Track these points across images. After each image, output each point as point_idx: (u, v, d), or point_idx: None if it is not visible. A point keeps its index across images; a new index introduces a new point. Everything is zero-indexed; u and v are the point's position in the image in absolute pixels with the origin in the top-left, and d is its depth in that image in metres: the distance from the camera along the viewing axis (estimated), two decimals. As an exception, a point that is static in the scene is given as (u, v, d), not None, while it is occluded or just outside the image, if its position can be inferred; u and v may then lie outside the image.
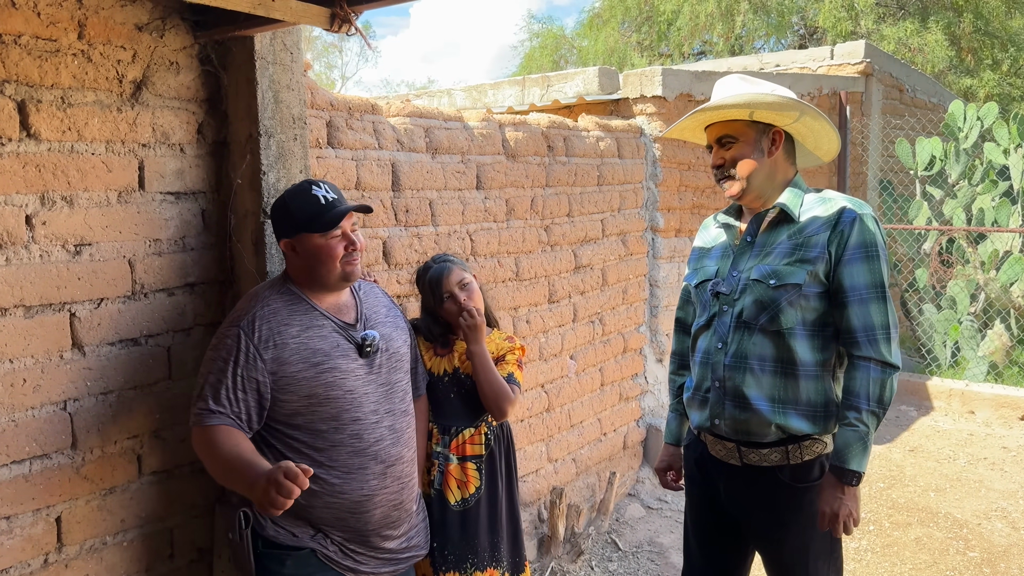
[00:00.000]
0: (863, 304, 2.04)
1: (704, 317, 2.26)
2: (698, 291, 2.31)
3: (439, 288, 2.51)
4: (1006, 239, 7.22)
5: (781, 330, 2.09)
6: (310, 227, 2.01)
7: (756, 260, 2.16)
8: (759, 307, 2.11)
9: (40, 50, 1.98)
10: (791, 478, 2.13)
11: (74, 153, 2.06)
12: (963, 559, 3.95)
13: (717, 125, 2.21)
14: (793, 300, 2.07)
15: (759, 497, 2.18)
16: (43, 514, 2.04)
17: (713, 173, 2.25)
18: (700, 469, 2.33)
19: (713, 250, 2.33)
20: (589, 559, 3.93)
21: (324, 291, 2.10)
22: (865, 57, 7.46)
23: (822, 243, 2.08)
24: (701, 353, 2.25)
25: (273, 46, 2.33)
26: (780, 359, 2.10)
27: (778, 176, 2.20)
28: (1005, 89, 14.92)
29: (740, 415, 2.13)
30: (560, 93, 4.83)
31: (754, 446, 2.14)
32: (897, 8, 16.03)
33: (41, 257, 2.01)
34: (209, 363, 1.99)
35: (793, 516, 2.14)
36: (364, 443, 2.04)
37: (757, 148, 2.16)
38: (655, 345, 4.91)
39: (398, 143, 3.10)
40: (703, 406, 2.24)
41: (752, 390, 2.11)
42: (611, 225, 4.41)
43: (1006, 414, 6.12)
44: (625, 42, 18.10)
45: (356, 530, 2.07)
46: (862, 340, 2.05)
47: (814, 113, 2.14)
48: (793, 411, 2.10)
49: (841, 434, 2.07)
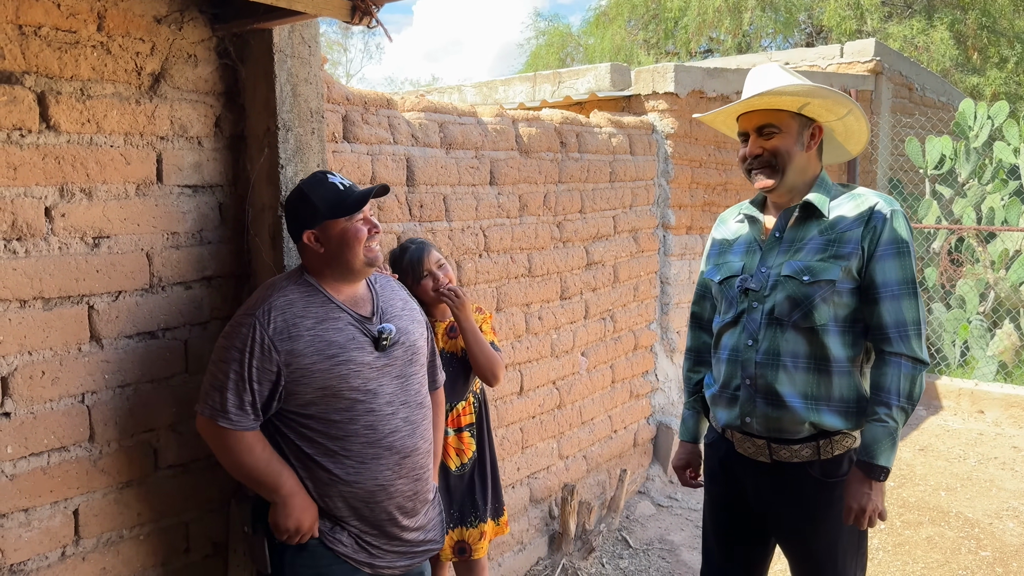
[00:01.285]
0: (895, 300, 2.04)
1: (731, 314, 2.22)
2: (723, 287, 2.27)
3: (420, 267, 2.68)
4: (1016, 238, 7.20)
5: (814, 326, 2.08)
6: (335, 212, 2.01)
7: (786, 256, 2.14)
8: (792, 303, 2.09)
9: (60, 41, 1.97)
10: (821, 473, 2.12)
11: (93, 145, 2.05)
12: (975, 558, 3.94)
13: (758, 113, 2.15)
14: (827, 296, 2.06)
15: (789, 493, 2.16)
16: (61, 507, 2.03)
17: (745, 162, 2.19)
18: (725, 468, 2.30)
19: (735, 245, 2.30)
20: (600, 556, 3.93)
21: (344, 281, 2.08)
22: (875, 55, 7.44)
23: (855, 239, 2.07)
24: (728, 350, 2.22)
25: (291, 39, 2.32)
26: (813, 355, 2.09)
27: (809, 171, 2.18)
28: (1012, 88, 14.86)
29: (773, 412, 2.11)
30: (571, 89, 4.82)
31: (785, 442, 2.13)
32: (903, 7, 15.98)
33: (60, 249, 2.00)
34: (223, 352, 1.98)
35: (823, 511, 2.13)
36: (378, 434, 2.04)
37: (798, 141, 2.14)
38: (666, 342, 4.90)
39: (413, 138, 3.09)
40: (731, 404, 2.21)
41: (785, 387, 2.09)
42: (623, 222, 4.40)
43: (1016, 414, 6.10)
44: (632, 40, 18.07)
45: (371, 520, 2.07)
46: (894, 336, 2.04)
47: (859, 113, 2.14)
48: (826, 407, 2.09)
49: (870, 429, 2.06)
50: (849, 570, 2.19)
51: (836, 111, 2.13)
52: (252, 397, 1.96)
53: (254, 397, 1.96)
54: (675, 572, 3.84)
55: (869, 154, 7.45)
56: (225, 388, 1.95)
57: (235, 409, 1.95)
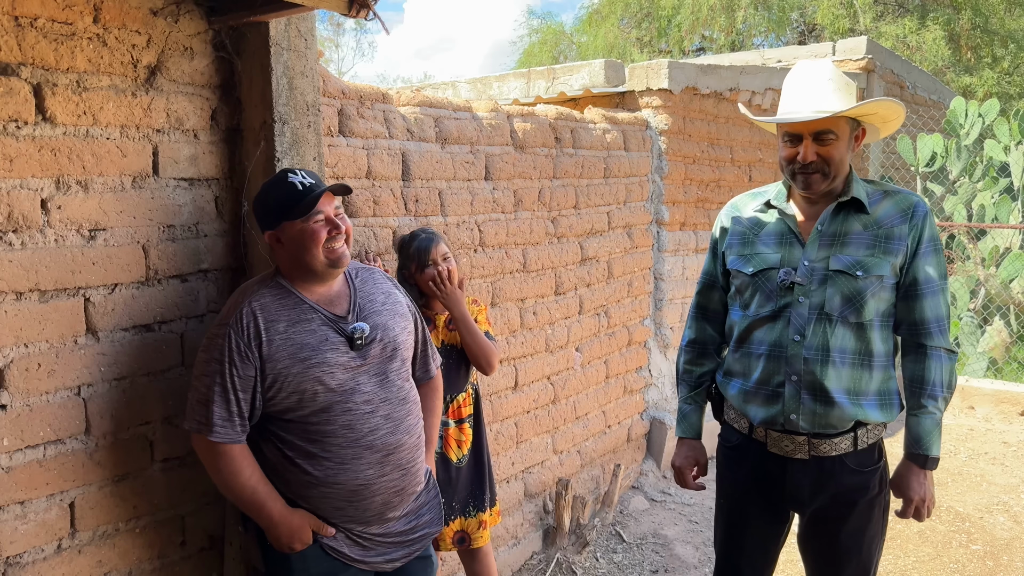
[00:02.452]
0: (935, 296, 2.09)
1: (769, 308, 2.17)
2: (757, 279, 2.19)
3: (425, 256, 2.71)
4: (1006, 235, 7.25)
5: (863, 322, 2.09)
6: (290, 214, 1.97)
7: (829, 250, 2.12)
8: (844, 299, 2.08)
9: (56, 33, 1.97)
10: (856, 463, 2.14)
11: (89, 137, 2.05)
12: (966, 552, 3.97)
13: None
14: (876, 292, 2.08)
15: (826, 485, 2.15)
16: (57, 499, 2.03)
17: (791, 164, 2.13)
18: (755, 473, 2.24)
19: (762, 235, 2.23)
20: (594, 550, 3.94)
21: (313, 281, 2.05)
22: (867, 53, 7.47)
23: (902, 235, 2.10)
24: (768, 346, 2.16)
25: (288, 32, 2.32)
26: (860, 351, 2.10)
27: (845, 168, 2.16)
28: (1004, 87, 14.94)
29: (821, 409, 2.10)
30: (566, 85, 4.83)
31: (826, 437, 2.12)
32: (896, 5, 16.04)
33: (56, 242, 2.00)
34: (203, 365, 1.97)
35: (857, 498, 2.15)
36: (357, 433, 2.02)
37: (849, 145, 2.13)
38: (660, 338, 4.91)
39: (408, 132, 3.09)
40: (771, 401, 2.16)
41: (833, 383, 2.08)
42: (617, 218, 4.41)
43: (1006, 409, 6.14)
44: (625, 38, 18.10)
45: (356, 518, 2.06)
46: (935, 330, 2.10)
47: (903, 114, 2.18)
48: (867, 402, 2.11)
49: (919, 422, 2.10)
50: (873, 557, 2.22)
51: (888, 117, 2.16)
52: (238, 407, 1.96)
53: (239, 407, 1.96)
54: (668, 566, 3.86)
55: (861, 151, 7.48)
56: (210, 401, 1.94)
57: (221, 422, 1.94)
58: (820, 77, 2.11)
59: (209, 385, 1.95)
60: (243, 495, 1.98)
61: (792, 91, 2.15)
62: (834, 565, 2.22)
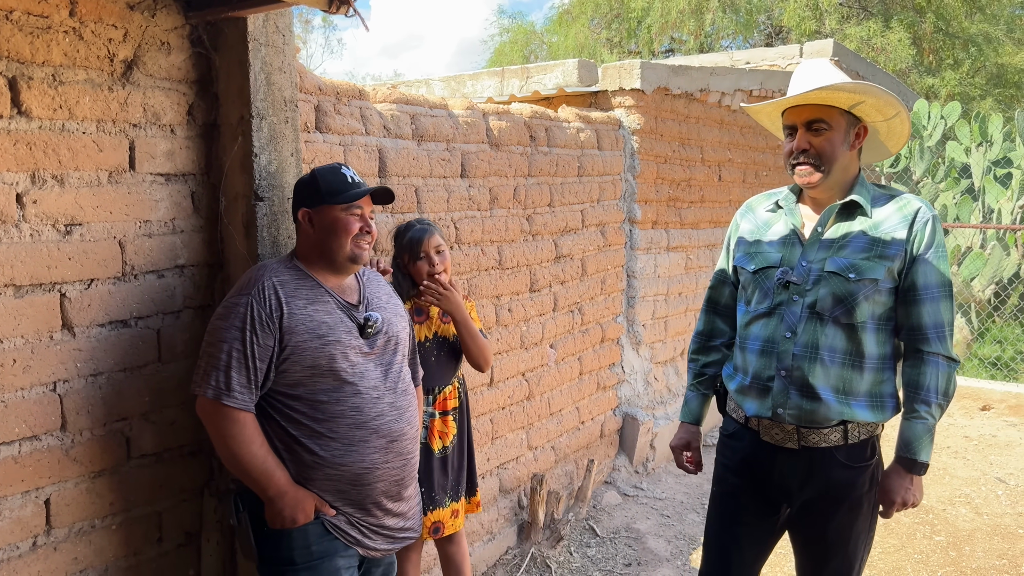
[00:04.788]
0: (935, 302, 2.10)
1: (765, 304, 2.21)
2: (758, 277, 2.25)
3: (418, 247, 2.71)
4: (968, 235, 7.42)
5: (855, 323, 2.11)
6: (334, 198, 2.06)
7: (828, 252, 2.15)
8: (835, 299, 2.11)
9: (32, 26, 1.95)
10: (846, 458, 2.16)
11: (65, 132, 2.04)
12: (930, 543, 4.07)
13: (808, 108, 2.13)
14: (869, 294, 2.10)
15: (815, 476, 2.18)
16: (32, 496, 2.01)
17: (790, 156, 2.17)
18: (747, 461, 2.29)
19: (769, 235, 2.28)
20: (568, 545, 3.98)
21: (329, 270, 2.12)
22: (833, 55, 7.59)
23: (900, 241, 2.11)
24: (762, 341, 2.21)
25: (266, 28, 2.32)
26: (850, 351, 2.12)
27: (850, 171, 2.19)
28: (966, 89, 15.27)
29: (806, 405, 2.13)
30: (540, 85, 4.86)
31: (815, 428, 2.15)
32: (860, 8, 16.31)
33: (32, 236, 1.98)
34: (221, 332, 1.98)
35: (846, 493, 2.17)
36: (365, 416, 2.06)
37: (845, 140, 2.14)
38: (632, 335, 4.97)
39: (385, 129, 3.10)
40: (763, 395, 2.21)
41: (820, 380, 2.12)
42: (591, 216, 4.45)
43: (967, 405, 6.29)
44: (595, 39, 18.19)
45: (358, 503, 2.09)
46: (932, 336, 2.10)
47: (905, 116, 2.17)
48: (855, 402, 2.13)
49: (911, 427, 2.12)
50: (860, 551, 2.24)
51: (886, 112, 2.14)
52: (255, 375, 1.97)
53: (256, 375, 1.97)
54: (641, 559, 3.91)
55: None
56: (229, 367, 1.95)
57: (240, 388, 1.96)
58: (815, 69, 2.15)
59: (228, 351, 1.96)
60: (253, 463, 1.97)
61: (791, 86, 2.19)
62: (819, 558, 2.26)
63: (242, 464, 1.98)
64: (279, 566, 2.05)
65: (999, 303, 7.62)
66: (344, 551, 2.09)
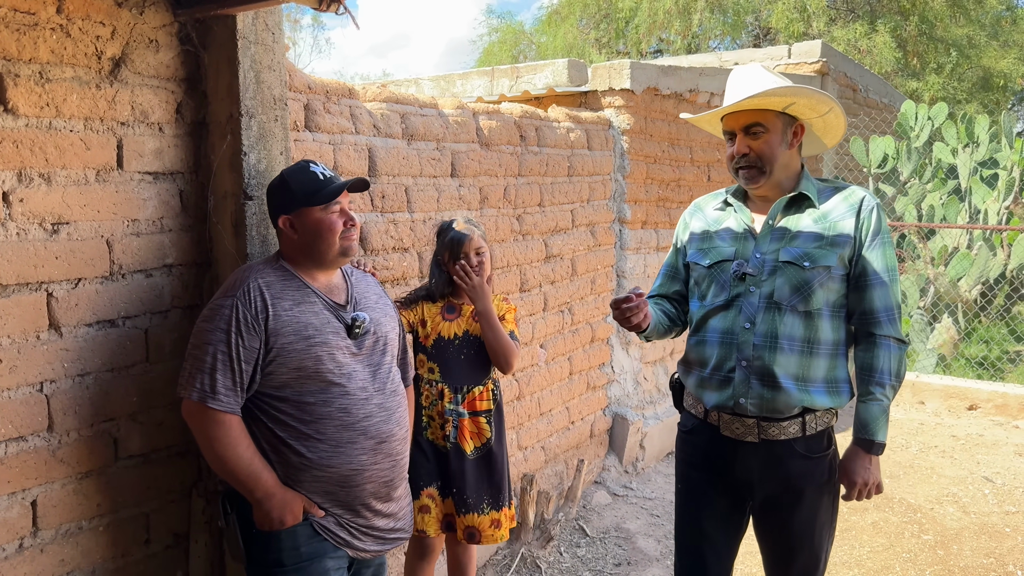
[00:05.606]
0: (884, 287, 2.17)
1: (723, 297, 2.26)
2: (713, 271, 2.29)
3: (459, 247, 2.72)
4: (955, 235, 7.48)
5: (811, 310, 2.16)
6: (311, 201, 2.04)
7: (781, 243, 2.21)
8: (792, 288, 2.16)
9: (18, 23, 1.93)
10: (805, 449, 2.21)
11: (52, 130, 2.02)
12: (918, 542, 4.09)
13: (744, 113, 2.20)
14: (823, 282, 2.16)
15: (775, 469, 2.22)
16: (19, 497, 1.99)
17: (733, 160, 2.24)
18: (707, 455, 2.32)
19: (721, 231, 2.33)
20: (558, 545, 3.97)
21: (319, 269, 2.11)
22: (821, 56, 7.64)
23: (848, 228, 2.18)
24: (721, 333, 2.25)
25: (255, 26, 2.31)
26: (807, 339, 2.17)
27: (792, 167, 2.25)
28: (949, 92, 15.39)
29: (768, 393, 2.17)
30: (529, 84, 4.86)
31: (775, 420, 2.19)
32: (847, 11, 16.41)
33: (18, 235, 1.96)
34: (206, 334, 1.96)
35: (807, 486, 2.21)
36: (353, 418, 2.05)
37: (783, 139, 2.20)
38: (621, 335, 4.97)
39: (375, 128, 3.09)
40: (723, 386, 2.24)
41: (780, 368, 2.16)
42: (580, 216, 4.45)
43: (954, 404, 6.33)
44: (584, 39, 18.22)
45: (346, 504, 2.07)
46: (883, 320, 2.17)
47: (839, 111, 2.23)
48: (814, 388, 2.18)
49: (867, 409, 2.17)
50: (824, 544, 2.28)
51: (819, 109, 2.21)
52: (240, 378, 1.96)
53: (242, 377, 1.96)
54: (631, 559, 3.91)
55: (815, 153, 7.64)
56: (214, 369, 1.94)
57: (225, 390, 1.94)
58: (746, 76, 2.23)
59: (213, 354, 1.94)
60: (239, 465, 1.96)
61: (727, 93, 2.27)
62: (787, 554, 2.29)
63: (229, 467, 1.97)
64: (268, 568, 2.04)
65: (985, 303, 7.68)
66: (333, 552, 2.08)
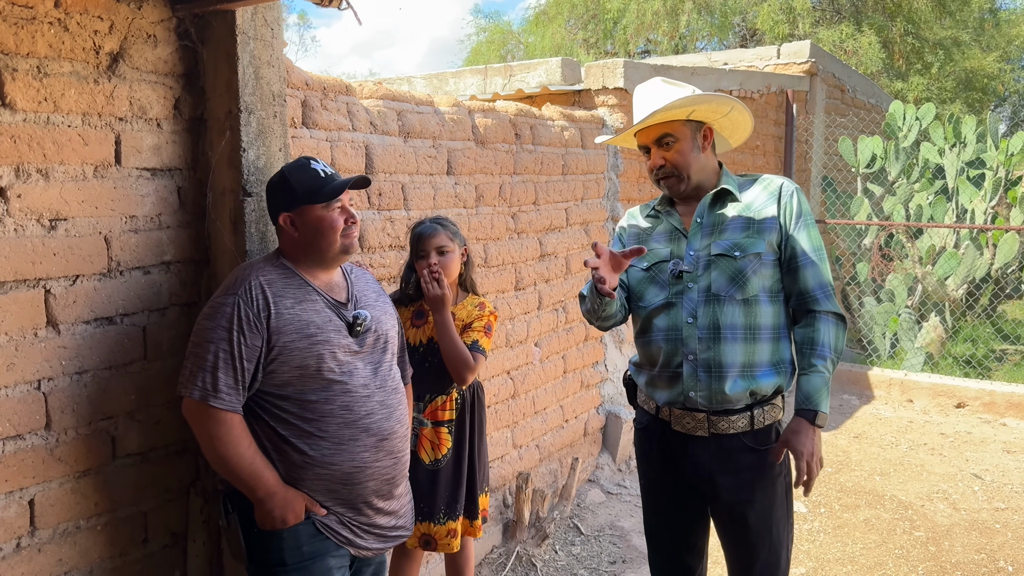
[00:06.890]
0: (815, 266, 2.25)
1: (662, 297, 2.31)
2: (651, 272, 2.35)
3: (419, 244, 2.67)
4: (942, 235, 7.53)
5: (748, 297, 2.23)
6: (312, 198, 2.02)
7: (711, 238, 2.28)
8: (727, 279, 2.23)
9: (16, 17, 1.91)
10: (754, 442, 2.26)
11: (50, 125, 2.00)
12: (909, 538, 4.12)
13: (654, 128, 2.29)
14: (756, 268, 2.23)
15: (726, 463, 2.26)
16: (16, 496, 1.97)
17: (653, 173, 2.33)
18: (661, 450, 2.36)
19: (654, 235, 2.40)
20: (553, 543, 3.97)
21: (319, 267, 2.09)
22: (810, 57, 7.67)
23: (772, 215, 2.27)
24: (665, 330, 2.29)
25: (254, 21, 2.29)
26: (748, 326, 2.23)
27: (709, 167, 2.34)
28: (934, 93, 15.51)
29: (716, 384, 2.22)
30: (523, 83, 4.85)
31: (724, 414, 2.24)
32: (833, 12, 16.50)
33: (16, 231, 1.94)
34: (208, 332, 1.94)
35: (758, 478, 2.26)
36: (355, 415, 2.04)
37: (695, 145, 2.30)
38: (615, 333, 4.98)
39: (371, 126, 3.08)
40: (673, 382, 2.29)
41: (726, 358, 2.22)
42: (575, 214, 4.45)
43: (942, 402, 6.38)
44: (571, 39, 18.23)
45: (349, 502, 2.06)
46: (819, 296, 2.25)
47: (741, 107, 2.31)
48: (759, 372, 2.23)
49: (809, 380, 2.21)
50: (783, 539, 2.32)
51: (720, 110, 2.30)
52: (242, 376, 1.94)
53: (244, 376, 1.94)
54: (625, 557, 3.91)
55: (804, 152, 7.68)
56: (215, 368, 1.92)
57: (227, 389, 1.92)
58: (649, 92, 2.31)
59: (215, 352, 1.92)
60: (241, 464, 1.94)
61: (635, 112, 2.34)
62: (748, 553, 2.32)
63: (230, 466, 1.95)
64: (270, 567, 2.02)
65: (972, 302, 7.75)
66: (335, 551, 2.07)
